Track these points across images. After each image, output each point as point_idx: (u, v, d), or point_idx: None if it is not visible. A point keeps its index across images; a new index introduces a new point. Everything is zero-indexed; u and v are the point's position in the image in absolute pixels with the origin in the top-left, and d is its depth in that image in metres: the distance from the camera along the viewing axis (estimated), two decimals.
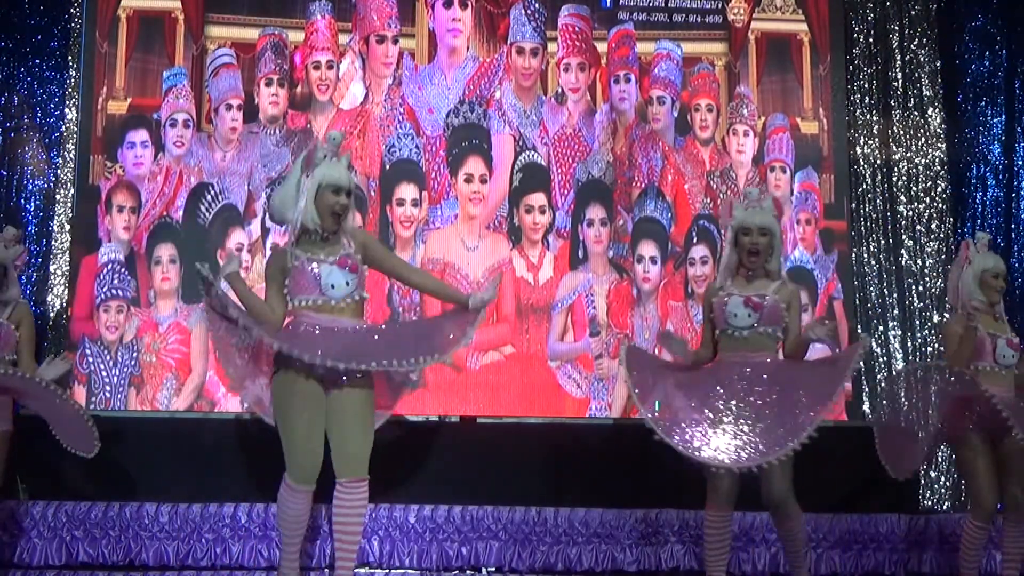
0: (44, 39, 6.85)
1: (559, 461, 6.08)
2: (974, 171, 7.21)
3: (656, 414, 4.48)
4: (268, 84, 6.68)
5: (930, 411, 4.82)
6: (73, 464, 5.13)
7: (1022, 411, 4.73)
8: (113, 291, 6.45)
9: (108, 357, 6.41)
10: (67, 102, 6.76)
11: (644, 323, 6.61)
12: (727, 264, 4.60)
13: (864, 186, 7.01)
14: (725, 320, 4.50)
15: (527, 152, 6.72)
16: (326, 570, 5.39)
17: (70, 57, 6.79)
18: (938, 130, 7.06)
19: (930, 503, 6.66)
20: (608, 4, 6.95)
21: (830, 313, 6.66)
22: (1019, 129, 7.20)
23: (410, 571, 5.47)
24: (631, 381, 4.60)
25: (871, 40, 7.14)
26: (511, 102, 6.76)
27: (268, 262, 4.41)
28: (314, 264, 4.18)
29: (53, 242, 6.66)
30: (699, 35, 6.97)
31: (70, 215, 6.63)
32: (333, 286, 4.18)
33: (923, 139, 7.06)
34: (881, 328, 6.87)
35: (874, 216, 6.99)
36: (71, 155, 6.68)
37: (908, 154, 7.04)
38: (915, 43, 7.12)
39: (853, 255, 6.87)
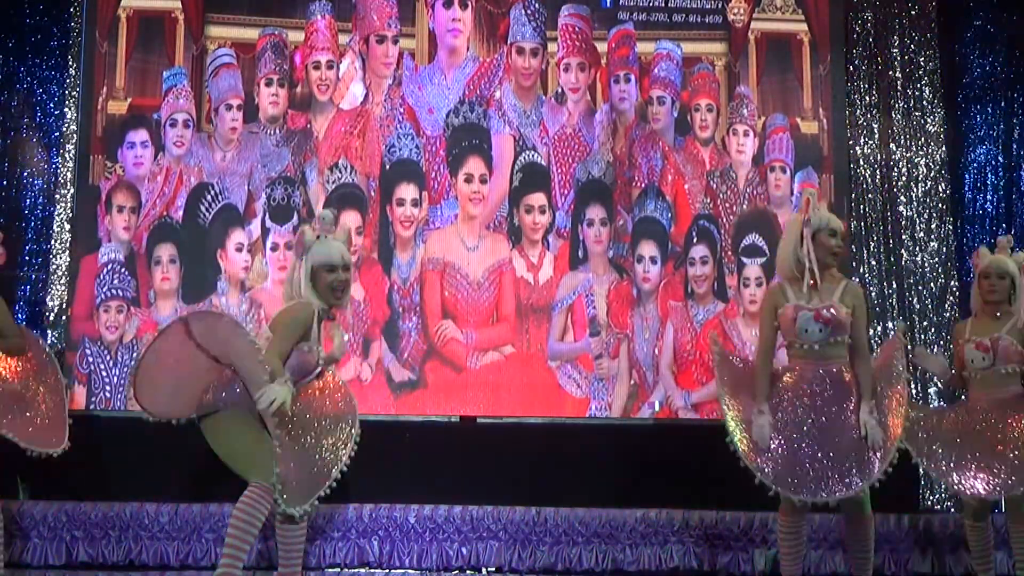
0: (44, 39, 6.86)
1: (559, 461, 6.09)
2: (974, 171, 7.21)
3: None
4: (268, 84, 6.68)
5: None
6: (73, 464, 5.13)
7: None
8: (113, 291, 6.45)
9: (108, 357, 6.41)
10: (67, 102, 6.77)
11: (644, 323, 6.61)
12: None
13: (864, 186, 7.01)
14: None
15: (527, 152, 6.72)
16: (327, 570, 5.40)
17: (70, 57, 6.80)
18: (938, 130, 7.06)
19: (930, 503, 6.66)
20: (608, 4, 6.95)
21: None
22: (1019, 129, 7.20)
23: (410, 571, 5.47)
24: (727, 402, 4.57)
25: (871, 40, 7.13)
26: (511, 102, 6.76)
27: (297, 316, 4.31)
28: (320, 358, 4.36)
29: (53, 242, 6.66)
30: (699, 35, 6.96)
31: (70, 215, 6.63)
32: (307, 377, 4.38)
33: (923, 139, 7.06)
34: (881, 328, 6.87)
35: (874, 216, 6.99)
36: (71, 155, 6.68)
37: (908, 154, 7.04)
38: (915, 43, 7.12)
39: (853, 255, 6.87)
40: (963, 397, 5.00)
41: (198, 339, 4.27)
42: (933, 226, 6.99)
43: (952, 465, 4.68)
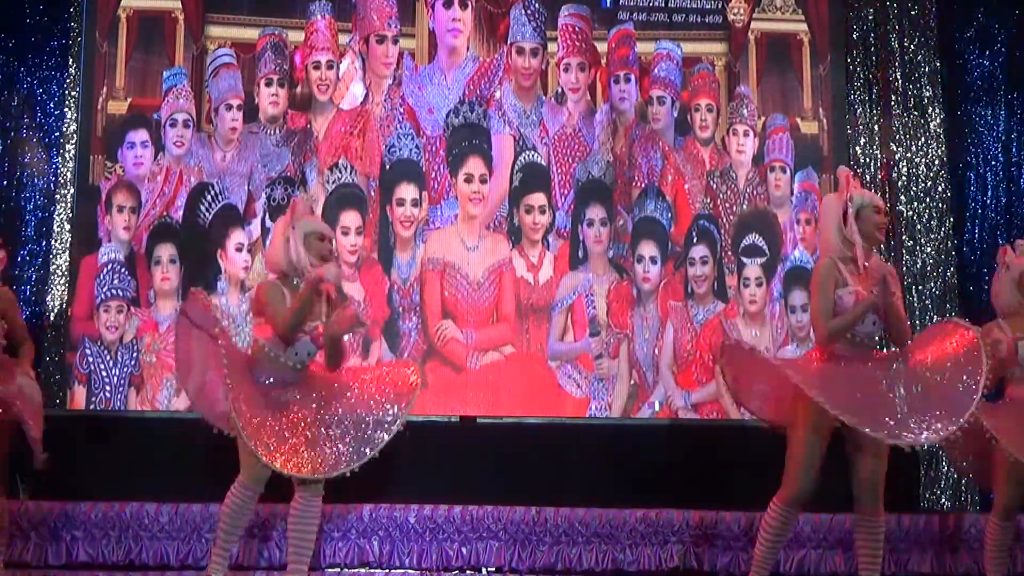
0: (44, 39, 6.85)
1: (559, 461, 6.09)
2: (974, 171, 7.21)
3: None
4: (268, 84, 6.68)
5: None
6: (73, 464, 5.13)
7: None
8: (113, 291, 6.45)
9: (108, 357, 6.41)
10: (67, 102, 6.76)
11: (644, 323, 6.61)
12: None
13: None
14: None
15: (527, 152, 6.72)
16: (327, 570, 5.40)
17: (70, 57, 6.79)
18: (938, 130, 7.06)
19: (930, 503, 6.66)
20: (608, 4, 6.95)
21: None
22: (1019, 129, 7.20)
23: (410, 571, 5.47)
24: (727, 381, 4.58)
25: (871, 40, 7.13)
26: (511, 102, 6.76)
27: (269, 291, 4.51)
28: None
29: (53, 242, 6.66)
30: (699, 35, 6.97)
31: (70, 215, 6.63)
32: (297, 353, 4.51)
33: (923, 139, 7.06)
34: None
35: None
36: (71, 155, 6.68)
37: (908, 154, 7.05)
38: (915, 43, 7.12)
39: None
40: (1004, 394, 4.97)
41: (199, 323, 4.47)
42: (933, 226, 6.99)
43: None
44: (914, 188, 7.03)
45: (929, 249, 6.95)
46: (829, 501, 4.99)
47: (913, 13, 7.15)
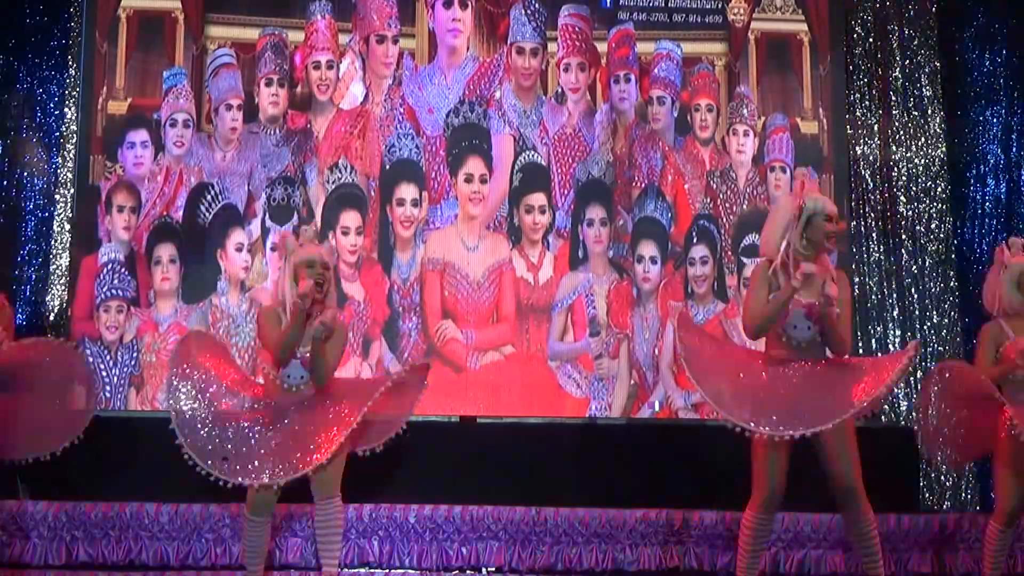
0: (44, 38, 6.85)
1: (559, 461, 6.09)
2: (974, 171, 7.20)
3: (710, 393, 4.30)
4: (268, 84, 6.68)
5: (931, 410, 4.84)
6: (73, 464, 5.13)
7: None
8: (113, 291, 6.45)
9: (108, 357, 6.41)
10: (67, 102, 6.76)
11: (644, 323, 6.61)
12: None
13: (864, 186, 7.01)
14: None
15: (527, 152, 6.72)
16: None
17: (70, 57, 6.79)
18: (938, 130, 7.06)
19: (930, 503, 6.66)
20: (608, 4, 6.95)
21: None
22: (1019, 129, 7.20)
23: (410, 571, 5.47)
24: (684, 354, 4.46)
25: (871, 40, 7.13)
26: (511, 102, 6.76)
27: (267, 317, 4.67)
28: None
29: (53, 242, 6.66)
30: (699, 35, 6.97)
31: (70, 215, 6.63)
32: (289, 376, 4.66)
33: (923, 139, 7.06)
34: (881, 328, 6.87)
35: (874, 216, 6.99)
36: (71, 155, 6.68)
37: (908, 154, 7.04)
38: (915, 43, 7.12)
39: (853, 255, 6.87)
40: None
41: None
42: (933, 226, 6.98)
43: None
44: (914, 188, 7.03)
45: (929, 249, 6.95)
46: (829, 501, 4.99)
47: (913, 13, 7.14)
